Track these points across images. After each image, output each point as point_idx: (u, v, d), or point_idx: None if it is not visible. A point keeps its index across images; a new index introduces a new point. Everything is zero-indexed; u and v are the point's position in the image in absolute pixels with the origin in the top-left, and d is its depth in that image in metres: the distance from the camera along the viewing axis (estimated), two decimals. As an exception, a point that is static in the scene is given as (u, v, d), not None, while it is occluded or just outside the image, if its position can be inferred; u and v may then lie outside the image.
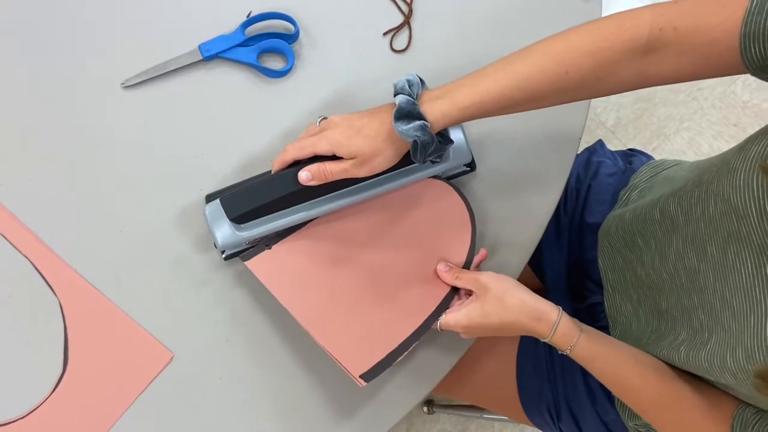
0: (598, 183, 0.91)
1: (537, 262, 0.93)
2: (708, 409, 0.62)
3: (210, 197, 0.69)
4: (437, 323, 0.69)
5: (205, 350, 0.70)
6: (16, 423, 0.65)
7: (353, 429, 0.72)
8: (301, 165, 0.64)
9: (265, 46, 0.75)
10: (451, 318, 0.68)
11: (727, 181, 0.57)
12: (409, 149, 0.62)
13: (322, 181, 0.63)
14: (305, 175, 0.63)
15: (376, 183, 0.69)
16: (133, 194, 0.71)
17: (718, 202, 0.59)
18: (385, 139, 0.62)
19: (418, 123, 0.60)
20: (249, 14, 0.75)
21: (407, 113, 0.60)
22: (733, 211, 0.56)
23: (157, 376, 0.68)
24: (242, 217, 0.65)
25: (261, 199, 0.65)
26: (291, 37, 0.75)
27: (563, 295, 0.90)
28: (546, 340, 0.66)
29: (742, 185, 0.55)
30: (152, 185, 0.71)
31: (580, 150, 0.92)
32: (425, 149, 0.61)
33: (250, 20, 0.74)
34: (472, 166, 0.76)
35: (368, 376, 0.65)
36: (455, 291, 0.71)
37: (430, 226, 0.73)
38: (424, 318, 0.69)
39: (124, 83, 0.72)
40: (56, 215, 0.69)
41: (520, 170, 0.79)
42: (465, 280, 0.69)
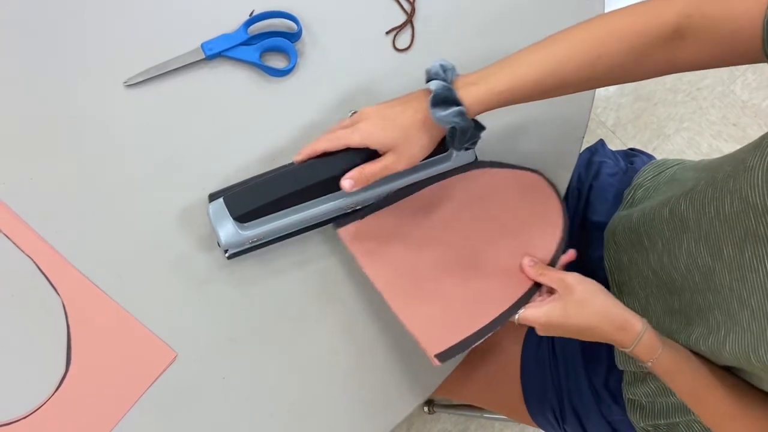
0: (599, 183, 0.90)
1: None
2: None
3: (213, 196, 0.69)
4: (516, 316, 0.67)
5: (209, 350, 0.69)
6: (19, 422, 0.65)
7: (354, 429, 0.72)
8: (313, 161, 0.64)
9: (268, 45, 0.74)
10: (530, 313, 0.67)
11: (744, 180, 0.57)
12: (444, 137, 0.61)
13: (364, 185, 0.62)
14: (348, 183, 0.62)
15: (388, 179, 0.68)
16: (136, 193, 0.70)
17: (734, 201, 0.58)
18: (420, 127, 0.61)
19: (455, 109, 0.59)
20: (252, 13, 0.75)
21: (444, 99, 0.59)
22: (751, 210, 0.56)
23: (161, 375, 0.68)
24: (246, 216, 0.65)
25: (265, 197, 0.64)
26: (294, 36, 0.75)
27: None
28: (627, 350, 0.64)
29: (761, 183, 0.55)
30: (155, 184, 0.71)
31: (581, 150, 0.92)
32: (464, 135, 0.60)
33: (253, 19, 0.74)
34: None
35: (443, 356, 0.65)
36: (538, 286, 0.70)
37: (521, 218, 0.73)
38: (504, 308, 0.68)
39: (126, 82, 0.72)
40: (59, 214, 0.69)
41: (523, 169, 0.79)
42: (550, 278, 0.68)
